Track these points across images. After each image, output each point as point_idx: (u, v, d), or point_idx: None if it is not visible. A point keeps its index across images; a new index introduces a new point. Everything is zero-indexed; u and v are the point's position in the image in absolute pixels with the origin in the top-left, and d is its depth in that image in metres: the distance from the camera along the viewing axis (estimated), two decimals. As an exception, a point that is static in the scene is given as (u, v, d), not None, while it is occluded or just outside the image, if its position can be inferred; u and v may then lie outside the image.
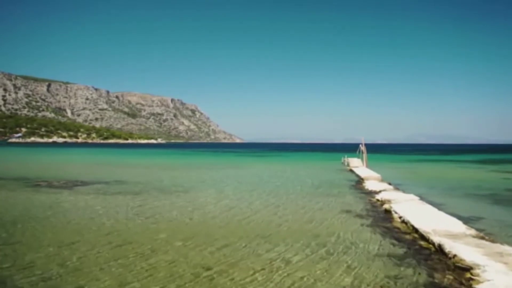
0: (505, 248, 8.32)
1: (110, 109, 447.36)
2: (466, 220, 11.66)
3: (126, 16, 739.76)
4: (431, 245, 8.88)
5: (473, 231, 9.73)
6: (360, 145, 40.61)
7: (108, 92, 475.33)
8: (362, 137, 39.87)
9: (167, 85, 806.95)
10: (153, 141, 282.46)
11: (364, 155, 37.74)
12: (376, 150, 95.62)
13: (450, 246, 8.20)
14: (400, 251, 8.63)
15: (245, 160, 55.34)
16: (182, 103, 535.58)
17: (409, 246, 8.98)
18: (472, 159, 59.58)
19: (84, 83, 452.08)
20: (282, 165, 43.43)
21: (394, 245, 9.09)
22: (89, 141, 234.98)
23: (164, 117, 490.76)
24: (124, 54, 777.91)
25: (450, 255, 7.87)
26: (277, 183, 22.25)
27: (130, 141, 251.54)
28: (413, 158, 62.30)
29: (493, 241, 8.86)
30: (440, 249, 8.41)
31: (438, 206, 14.13)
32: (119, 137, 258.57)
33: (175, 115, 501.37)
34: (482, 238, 9.15)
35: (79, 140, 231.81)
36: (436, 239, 8.82)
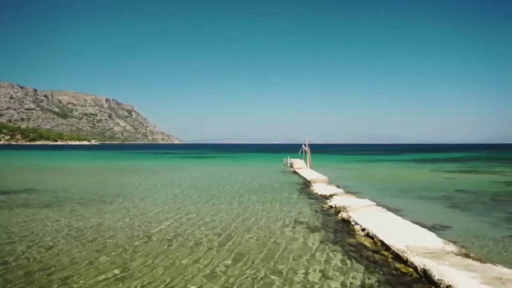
0: (500, 270, 6.72)
1: (38, 108, 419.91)
2: (433, 229, 10.20)
3: (56, 9, 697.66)
4: (411, 269, 7.08)
5: (452, 247, 8.12)
6: (303, 146, 39.33)
7: (35, 90, 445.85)
8: (307, 137, 38.67)
9: (101, 84, 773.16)
10: (85, 142, 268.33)
11: (308, 155, 36.48)
12: (318, 150, 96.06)
13: (439, 272, 6.42)
14: (374, 279, 6.74)
15: (186, 162, 52.39)
16: (118, 103, 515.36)
17: (384, 271, 7.10)
18: (412, 159, 60.96)
19: (8, 81, 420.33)
20: (223, 167, 41.18)
21: (364, 270, 7.18)
22: (13, 143, 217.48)
23: (98, 118, 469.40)
24: (54, 49, 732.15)
25: (442, 286, 6.09)
26: (218, 188, 19.99)
27: (60, 142, 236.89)
28: (357, 159, 62.56)
29: (481, 261, 7.26)
30: (425, 275, 6.61)
31: (398, 212, 12.65)
32: (48, 139, 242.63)
33: (110, 116, 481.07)
34: (468, 256, 7.53)
35: (1, 142, 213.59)
36: (417, 261, 7.04)
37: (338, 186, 19.52)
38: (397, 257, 7.68)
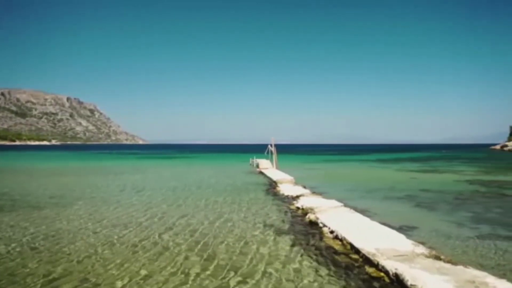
0: (472, 272, 6.54)
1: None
2: (401, 230, 10.05)
3: (10, 3, 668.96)
4: (382, 273, 6.80)
5: (422, 248, 7.93)
6: (269, 146, 39.08)
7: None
8: (272, 137, 38.43)
9: (62, 82, 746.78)
10: (45, 142, 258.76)
11: (274, 156, 36.26)
12: (285, 150, 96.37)
13: (412, 277, 6.16)
14: (345, 285, 6.41)
15: (151, 163, 51.05)
16: (80, 102, 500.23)
17: (355, 276, 6.80)
18: (377, 158, 61.87)
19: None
20: (189, 168, 40.40)
21: (335, 275, 6.84)
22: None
23: (58, 117, 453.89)
24: (11, 46, 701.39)
25: (415, 291, 5.82)
26: (184, 189, 19.34)
27: (18, 142, 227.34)
28: (323, 159, 62.93)
29: (452, 263, 7.08)
30: (397, 280, 6.34)
31: (366, 213, 12.50)
32: (5, 139, 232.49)
33: (71, 115, 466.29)
34: (438, 258, 7.34)
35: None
36: (388, 265, 6.76)
37: (304, 187, 19.29)
38: (368, 260, 7.39)
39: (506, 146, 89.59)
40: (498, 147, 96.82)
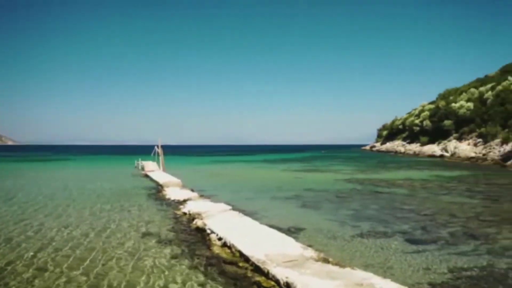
0: (359, 274, 6.52)
1: None
2: (289, 233, 10.03)
3: None
4: (273, 283, 6.43)
5: (311, 252, 7.81)
6: (156, 147, 37.44)
7: None
8: (159, 138, 36.80)
9: None
10: None
11: (161, 157, 34.78)
12: (173, 151, 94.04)
13: (302, 284, 5.88)
14: (235, 299, 5.90)
15: (20, 166, 45.35)
16: None
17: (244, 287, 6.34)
18: (264, 159, 63.22)
19: None
20: (65, 171, 36.78)
21: (224, 288, 6.30)
22: None
23: None
24: None
25: (307, 300, 5.53)
26: (57, 196, 17.19)
27: None
28: (212, 160, 62.31)
29: (340, 265, 7.02)
30: (288, 290, 6.03)
31: (255, 216, 12.31)
32: None
33: None
34: (327, 261, 7.24)
35: None
36: (279, 274, 6.42)
37: (192, 190, 18.57)
38: (258, 269, 6.98)
39: (375, 146, 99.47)
40: (368, 147, 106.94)
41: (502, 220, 12.13)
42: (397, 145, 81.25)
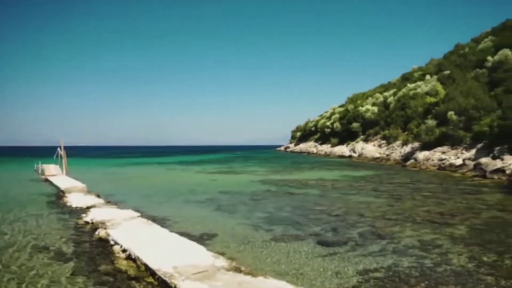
0: (272, 283, 6.30)
1: None
2: (201, 240, 9.60)
3: None
4: (181, 299, 5.92)
5: (223, 261, 7.42)
6: (59, 149, 34.48)
7: None
8: (62, 139, 33.89)
9: None
10: None
11: (64, 160, 32.12)
12: (80, 154, 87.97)
13: (212, 300, 5.46)
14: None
15: None
16: None
17: (149, 307, 5.74)
18: (178, 161, 61.56)
19: None
20: None
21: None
22: None
23: None
24: None
25: (216, 318, 5.11)
26: None
27: None
28: (123, 162, 58.95)
29: (253, 275, 6.73)
30: (197, 307, 5.55)
31: (165, 223, 11.66)
32: None
33: None
34: (239, 270, 6.91)
35: None
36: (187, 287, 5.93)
37: (98, 196, 17.23)
38: (164, 284, 6.42)
39: (289, 147, 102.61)
40: (282, 148, 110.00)
41: (405, 218, 12.80)
42: (310, 146, 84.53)
